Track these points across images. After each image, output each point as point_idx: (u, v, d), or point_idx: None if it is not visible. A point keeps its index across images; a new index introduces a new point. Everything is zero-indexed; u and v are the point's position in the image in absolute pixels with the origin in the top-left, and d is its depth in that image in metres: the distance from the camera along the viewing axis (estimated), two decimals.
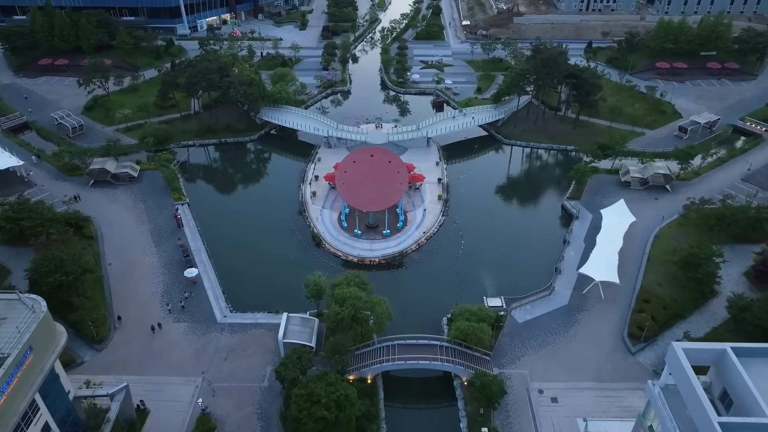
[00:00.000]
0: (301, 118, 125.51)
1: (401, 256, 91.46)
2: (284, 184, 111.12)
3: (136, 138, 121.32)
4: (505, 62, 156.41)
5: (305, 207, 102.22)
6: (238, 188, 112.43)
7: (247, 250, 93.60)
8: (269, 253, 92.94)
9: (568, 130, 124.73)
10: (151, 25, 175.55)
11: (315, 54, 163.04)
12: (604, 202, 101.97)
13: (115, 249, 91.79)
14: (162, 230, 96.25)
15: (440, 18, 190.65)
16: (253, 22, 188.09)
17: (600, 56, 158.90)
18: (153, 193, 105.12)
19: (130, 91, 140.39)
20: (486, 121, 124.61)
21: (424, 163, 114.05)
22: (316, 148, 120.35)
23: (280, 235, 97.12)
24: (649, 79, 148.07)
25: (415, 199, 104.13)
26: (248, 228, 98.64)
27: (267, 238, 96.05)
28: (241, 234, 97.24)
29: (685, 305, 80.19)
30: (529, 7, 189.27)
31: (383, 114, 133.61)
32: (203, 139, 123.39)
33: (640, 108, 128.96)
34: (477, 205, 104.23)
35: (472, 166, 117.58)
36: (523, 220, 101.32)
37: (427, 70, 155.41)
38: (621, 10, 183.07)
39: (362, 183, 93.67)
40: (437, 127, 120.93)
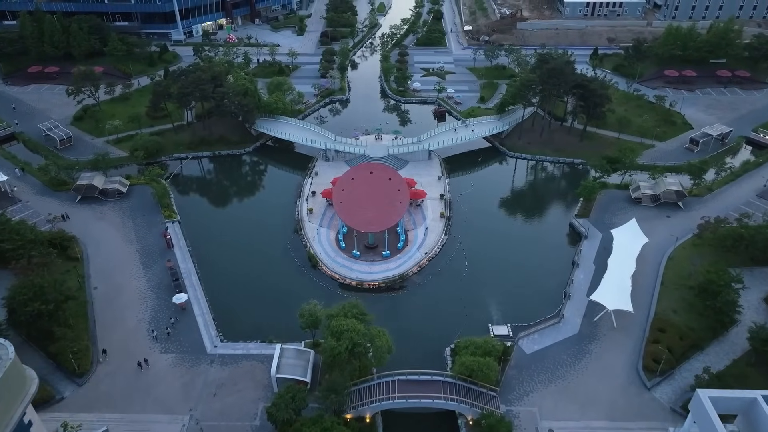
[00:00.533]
0: (297, 129, 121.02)
1: (402, 279, 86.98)
2: (280, 199, 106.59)
3: (126, 150, 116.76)
4: (508, 69, 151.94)
5: (301, 225, 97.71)
6: (232, 204, 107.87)
7: (239, 271, 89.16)
8: (263, 275, 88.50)
9: (574, 142, 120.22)
10: (145, 31, 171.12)
11: (313, 61, 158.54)
12: (614, 221, 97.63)
13: (101, 271, 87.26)
14: (151, 250, 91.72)
15: (441, 23, 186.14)
16: (250, 27, 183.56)
17: (606, 63, 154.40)
18: (142, 210, 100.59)
19: (122, 100, 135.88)
20: (489, 133, 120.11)
21: (426, 178, 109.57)
22: (314, 161, 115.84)
23: (275, 256, 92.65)
24: (657, 88, 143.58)
25: (417, 216, 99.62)
26: (241, 247, 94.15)
27: (261, 259, 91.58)
28: (234, 254, 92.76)
29: (702, 334, 75.67)
30: (533, 12, 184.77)
31: (383, 124, 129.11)
32: (196, 152, 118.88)
33: (649, 119, 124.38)
34: (481, 223, 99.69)
35: (475, 180, 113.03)
36: (529, 239, 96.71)
37: (429, 77, 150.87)
38: (627, 16, 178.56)
39: (361, 202, 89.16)
40: (439, 139, 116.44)
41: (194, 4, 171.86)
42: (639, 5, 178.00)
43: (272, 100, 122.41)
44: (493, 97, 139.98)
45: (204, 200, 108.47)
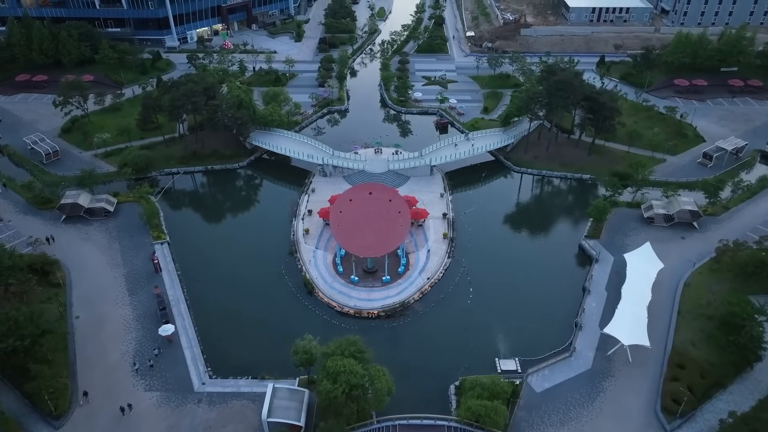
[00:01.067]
0: (294, 143, 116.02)
1: (403, 308, 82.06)
2: (275, 218, 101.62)
3: (115, 164, 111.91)
4: (512, 78, 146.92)
5: (297, 247, 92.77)
6: (225, 222, 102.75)
7: (231, 298, 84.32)
8: (256, 302, 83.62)
9: (582, 156, 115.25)
10: (139, 37, 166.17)
11: (311, 68, 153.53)
12: (626, 242, 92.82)
13: (85, 299, 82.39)
14: (138, 275, 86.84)
15: (443, 29, 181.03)
16: (247, 33, 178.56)
17: (613, 71, 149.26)
18: (130, 230, 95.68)
19: (112, 111, 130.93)
20: (494, 147, 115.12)
21: (428, 195, 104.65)
22: (310, 176, 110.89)
23: (269, 280, 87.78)
24: (666, 98, 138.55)
25: (418, 237, 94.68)
26: (234, 270, 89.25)
27: (254, 284, 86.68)
28: (226, 278, 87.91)
29: (724, 371, 70.84)
30: (537, 18, 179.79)
31: (383, 136, 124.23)
32: (188, 166, 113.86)
33: (660, 132, 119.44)
34: (485, 245, 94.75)
35: (479, 196, 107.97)
36: (537, 262, 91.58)
37: (430, 87, 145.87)
38: (634, 22, 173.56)
39: (359, 225, 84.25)
40: (441, 154, 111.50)
41: (189, 10, 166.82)
42: (646, 11, 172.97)
43: (267, 112, 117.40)
44: (497, 108, 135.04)
45: (195, 219, 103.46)
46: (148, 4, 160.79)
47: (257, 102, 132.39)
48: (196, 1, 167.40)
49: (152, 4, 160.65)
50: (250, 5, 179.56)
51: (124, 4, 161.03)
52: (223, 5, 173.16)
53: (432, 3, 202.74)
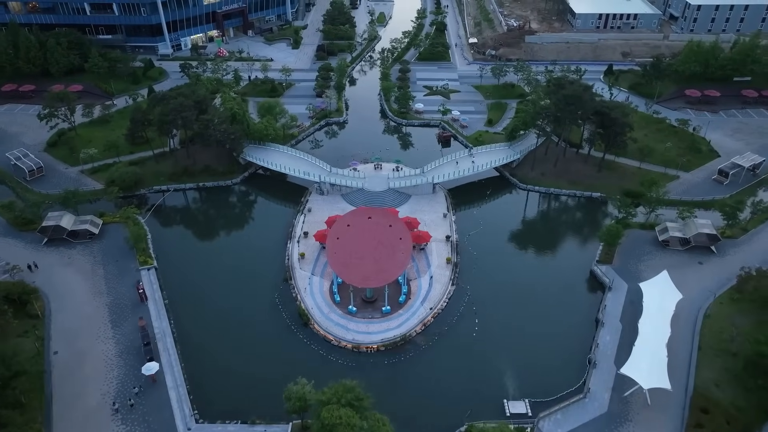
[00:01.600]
0: (289, 159, 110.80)
1: (404, 341, 76.82)
2: (269, 240, 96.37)
3: (102, 181, 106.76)
4: (517, 88, 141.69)
5: (292, 273, 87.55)
6: (216, 245, 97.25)
7: (221, 330, 79.21)
8: (248, 336, 78.48)
9: (592, 172, 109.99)
10: (131, 44, 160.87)
11: (308, 77, 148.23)
12: (641, 268, 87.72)
13: (64, 332, 77.22)
14: (122, 304, 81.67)
15: (445, 35, 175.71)
16: (242, 40, 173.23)
17: (622, 81, 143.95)
18: (116, 254, 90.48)
19: (101, 123, 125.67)
20: (500, 164, 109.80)
21: (430, 215, 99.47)
22: (306, 194, 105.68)
23: (261, 310, 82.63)
24: (677, 109, 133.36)
25: (420, 262, 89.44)
26: (225, 300, 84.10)
27: (246, 315, 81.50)
28: (216, 308, 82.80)
29: (752, 416, 65.52)
30: (542, 24, 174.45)
31: (383, 150, 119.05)
32: (179, 183, 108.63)
33: (672, 146, 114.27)
34: (491, 271, 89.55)
35: (484, 216, 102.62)
36: (546, 289, 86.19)
37: (432, 97, 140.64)
38: (642, 28, 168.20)
39: (358, 253, 78.98)
40: (444, 171, 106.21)
41: (183, 16, 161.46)
42: (655, 17, 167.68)
43: (262, 126, 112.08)
44: (502, 119, 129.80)
45: (185, 241, 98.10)
46: (140, 11, 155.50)
47: (252, 114, 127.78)
48: (191, 7, 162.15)
49: (145, 11, 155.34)
50: (247, 11, 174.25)
51: (116, 10, 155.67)
52: (218, 11, 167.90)
53: (433, 8, 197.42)
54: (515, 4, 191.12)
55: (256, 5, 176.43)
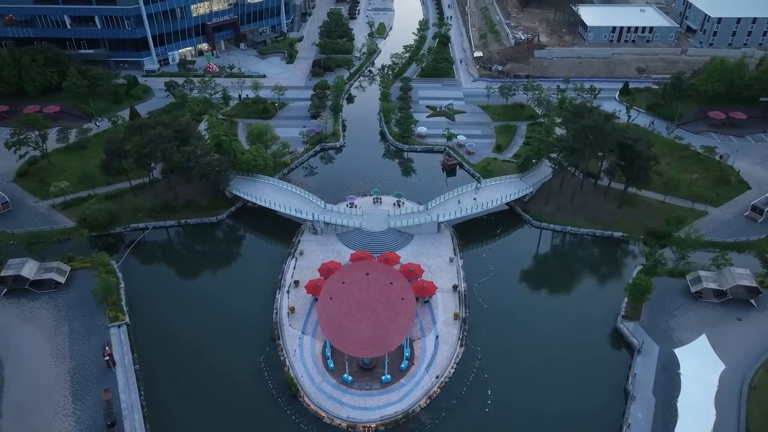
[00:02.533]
0: (280, 192, 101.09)
1: (406, 419, 67.05)
2: (256, 288, 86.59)
3: (74, 218, 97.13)
4: (527, 108, 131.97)
5: (280, 331, 77.76)
6: (196, 295, 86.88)
7: (198, 404, 69.52)
8: (229, 410, 68.71)
9: (612, 208, 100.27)
10: (115, 59, 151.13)
11: (303, 96, 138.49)
12: (672, 325, 78.07)
13: (17, 407, 67.38)
14: (87, 371, 71.91)
15: (449, 49, 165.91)
16: (234, 53, 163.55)
17: (638, 100, 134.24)
18: (84, 307, 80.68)
19: (77, 149, 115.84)
20: (510, 199, 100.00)
21: (435, 259, 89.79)
22: (298, 233, 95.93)
23: (245, 377, 72.98)
24: (700, 133, 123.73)
25: (424, 318, 79.67)
26: (204, 363, 74.37)
27: (228, 383, 71.77)
28: (194, 374, 73.10)
29: None
30: (551, 37, 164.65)
31: (382, 180, 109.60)
32: (158, 220, 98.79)
33: (699, 178, 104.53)
34: (503, 328, 79.83)
35: (493, 259, 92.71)
36: (565, 352, 76.18)
37: (435, 118, 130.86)
38: (658, 42, 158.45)
39: (354, 316, 69.20)
40: (450, 208, 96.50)
41: (170, 29, 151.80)
42: (672, 30, 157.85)
43: (251, 157, 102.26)
44: (511, 145, 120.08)
45: (162, 289, 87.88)
46: (124, 24, 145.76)
47: (241, 138, 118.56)
48: (178, 19, 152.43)
49: (129, 24, 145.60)
50: (239, 23, 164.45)
51: (98, 23, 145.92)
52: (208, 23, 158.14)
53: (436, 20, 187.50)
54: (522, 14, 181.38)
55: (248, 16, 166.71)
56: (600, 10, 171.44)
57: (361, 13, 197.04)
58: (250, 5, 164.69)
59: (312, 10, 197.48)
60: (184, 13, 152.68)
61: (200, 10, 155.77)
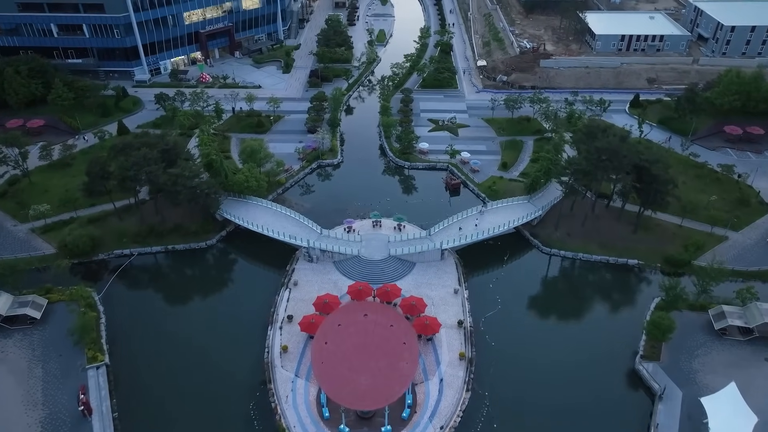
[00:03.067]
0: (273, 216, 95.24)
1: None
2: (247, 322, 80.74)
3: (55, 243, 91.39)
4: (534, 122, 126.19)
5: (271, 373, 71.84)
6: (183, 331, 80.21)
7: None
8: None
9: (626, 233, 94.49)
10: (104, 69, 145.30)
11: (299, 108, 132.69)
12: (695, 367, 72.34)
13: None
14: (61, 421, 66.09)
15: (451, 57, 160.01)
16: (229, 62, 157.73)
17: (650, 113, 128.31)
18: (60, 346, 74.86)
19: (61, 167, 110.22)
20: (520, 223, 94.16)
21: (438, 290, 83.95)
22: (293, 261, 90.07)
23: (233, 425, 67.19)
24: (716, 149, 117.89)
25: (428, 359, 73.73)
26: (189, 411, 68.58)
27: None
28: (178, 423, 67.28)
29: None
30: (557, 46, 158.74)
31: (382, 201, 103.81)
32: (144, 246, 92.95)
33: (718, 200, 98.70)
34: (512, 370, 73.90)
35: (501, 289, 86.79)
36: (580, 397, 70.16)
37: (438, 133, 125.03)
38: (669, 51, 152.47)
39: (350, 363, 63.43)
40: (454, 234, 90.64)
41: (162, 38, 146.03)
42: (683, 39, 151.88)
43: (243, 178, 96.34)
44: (518, 162, 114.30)
45: (146, 325, 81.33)
46: (113, 32, 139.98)
47: (234, 154, 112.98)
48: (170, 27, 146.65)
49: (118, 32, 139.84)
50: (233, 30, 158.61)
51: (86, 31, 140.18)
52: (201, 31, 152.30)
53: (438, 27, 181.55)
54: (527, 21, 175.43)
55: (243, 24, 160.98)
56: (608, 17, 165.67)
57: (360, 19, 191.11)
58: (245, 12, 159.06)
59: (310, 16, 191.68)
60: (176, 20, 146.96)
61: (193, 17, 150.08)
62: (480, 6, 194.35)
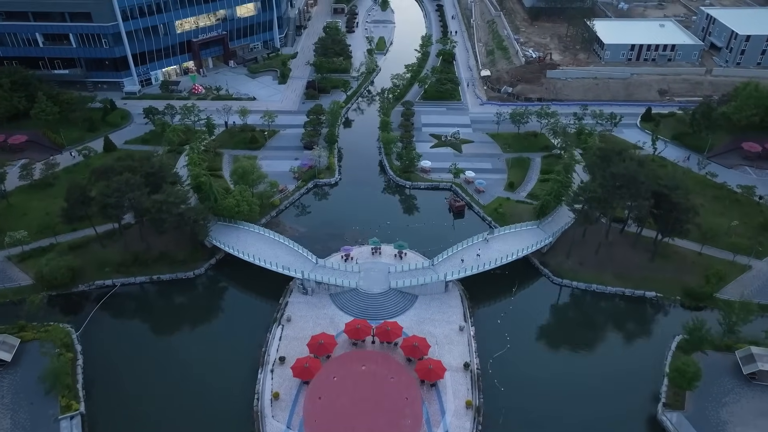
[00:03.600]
0: (266, 243, 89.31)
1: None
2: (236, 363, 74.72)
3: (32, 273, 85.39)
4: (541, 137, 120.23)
5: (261, 424, 65.75)
6: (167, 373, 73.74)
7: None
8: None
9: (643, 261, 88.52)
10: (92, 80, 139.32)
11: (296, 122, 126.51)
12: (723, 417, 66.55)
13: None
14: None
15: (453, 67, 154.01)
16: (223, 71, 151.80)
17: (663, 128, 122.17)
18: (32, 392, 68.80)
19: (42, 187, 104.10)
20: (527, 252, 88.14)
21: (442, 327, 77.95)
22: (286, 293, 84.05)
23: None
24: (734, 167, 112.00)
25: (431, 407, 67.41)
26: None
27: None
28: None
29: None
30: (564, 55, 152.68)
31: (382, 225, 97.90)
32: (127, 276, 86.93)
33: (739, 225, 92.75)
34: (523, 420, 67.94)
35: (509, 325, 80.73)
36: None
37: (441, 149, 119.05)
38: (680, 61, 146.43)
39: (346, 421, 57.36)
40: (458, 264, 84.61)
41: (152, 47, 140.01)
42: (695, 48, 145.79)
43: (233, 203, 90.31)
44: (525, 181, 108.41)
45: (126, 367, 74.89)
46: (101, 42, 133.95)
47: (225, 173, 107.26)
48: (161, 36, 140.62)
49: (107, 42, 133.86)
50: (228, 38, 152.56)
51: (73, 41, 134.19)
52: (194, 40, 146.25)
53: (439, 35, 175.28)
54: (532, 29, 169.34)
55: (238, 32, 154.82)
56: (616, 24, 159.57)
57: (359, 26, 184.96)
58: (240, 20, 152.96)
59: (307, 22, 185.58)
60: (167, 29, 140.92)
61: (185, 26, 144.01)
62: (483, 12, 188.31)
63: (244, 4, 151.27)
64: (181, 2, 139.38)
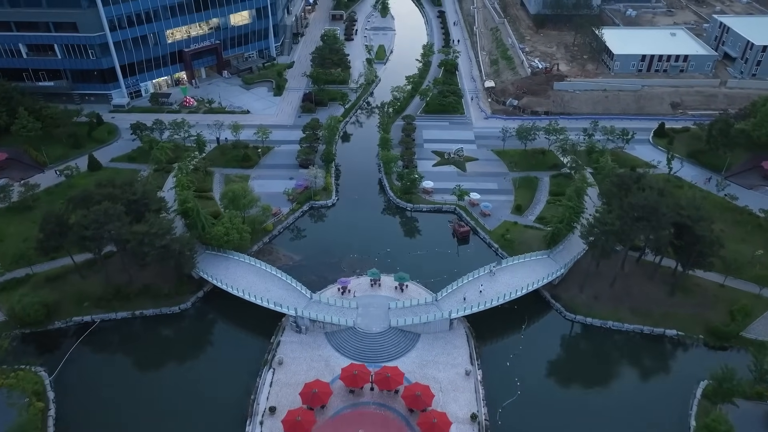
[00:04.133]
0: (257, 275, 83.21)
1: None
2: (223, 414, 68.60)
3: (4, 308, 79.38)
4: (549, 155, 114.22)
5: None
6: (146, 424, 67.62)
7: None
8: None
9: (662, 295, 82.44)
10: (79, 92, 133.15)
11: (291, 138, 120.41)
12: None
13: None
14: None
15: (456, 77, 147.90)
16: (216, 82, 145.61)
17: (677, 145, 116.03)
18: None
19: (21, 210, 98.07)
20: (539, 285, 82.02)
21: (447, 371, 71.92)
22: (278, 331, 77.98)
23: None
24: (753, 187, 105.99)
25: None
26: None
27: None
28: None
29: None
30: (571, 65, 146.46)
31: (381, 253, 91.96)
32: (108, 311, 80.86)
33: (765, 254, 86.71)
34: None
35: (519, 367, 74.54)
36: None
37: (443, 167, 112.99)
38: (693, 72, 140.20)
39: None
40: (462, 299, 78.52)
41: (142, 58, 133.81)
42: (709, 59, 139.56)
43: (222, 231, 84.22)
44: (533, 203, 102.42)
45: (103, 417, 68.85)
46: (88, 53, 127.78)
47: (216, 193, 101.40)
48: (151, 46, 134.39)
49: (94, 53, 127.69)
50: (221, 48, 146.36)
51: (58, 52, 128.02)
52: (185, 50, 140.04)
53: (441, 44, 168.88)
54: (538, 37, 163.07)
55: (232, 41, 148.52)
56: (625, 33, 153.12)
57: (358, 33, 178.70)
58: (234, 28, 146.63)
59: (305, 29, 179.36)
60: (157, 39, 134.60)
61: (176, 35, 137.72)
62: (486, 19, 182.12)
63: (239, 12, 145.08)
64: (171, 11, 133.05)
